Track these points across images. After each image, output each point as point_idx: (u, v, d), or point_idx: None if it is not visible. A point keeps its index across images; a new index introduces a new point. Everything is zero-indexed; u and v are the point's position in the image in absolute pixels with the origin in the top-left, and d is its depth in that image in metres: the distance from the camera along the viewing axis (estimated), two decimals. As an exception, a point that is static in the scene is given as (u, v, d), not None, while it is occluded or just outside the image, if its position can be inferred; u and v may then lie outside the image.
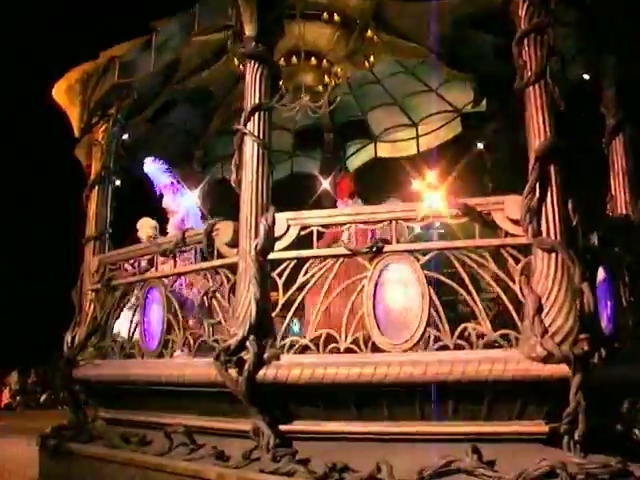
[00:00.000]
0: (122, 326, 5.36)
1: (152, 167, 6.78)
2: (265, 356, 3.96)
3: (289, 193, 8.32)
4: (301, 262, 4.17)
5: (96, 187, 5.93)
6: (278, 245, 4.14)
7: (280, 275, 4.12)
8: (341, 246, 4.08)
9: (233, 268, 4.37)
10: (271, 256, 4.13)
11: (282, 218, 4.16)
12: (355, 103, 7.69)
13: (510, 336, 3.74)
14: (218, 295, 4.40)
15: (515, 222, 3.80)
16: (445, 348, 3.82)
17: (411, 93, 7.23)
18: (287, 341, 4.06)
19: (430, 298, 3.85)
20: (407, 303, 3.91)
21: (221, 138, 8.47)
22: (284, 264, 4.15)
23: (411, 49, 6.43)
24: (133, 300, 5.27)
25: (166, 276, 4.91)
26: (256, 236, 4.14)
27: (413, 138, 7.53)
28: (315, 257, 4.10)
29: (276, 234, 4.14)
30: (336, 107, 7.16)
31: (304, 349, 4.04)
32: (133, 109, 6.43)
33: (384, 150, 7.88)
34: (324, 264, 4.08)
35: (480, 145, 6.65)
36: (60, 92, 6.00)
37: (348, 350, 3.95)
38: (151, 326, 4.99)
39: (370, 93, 7.44)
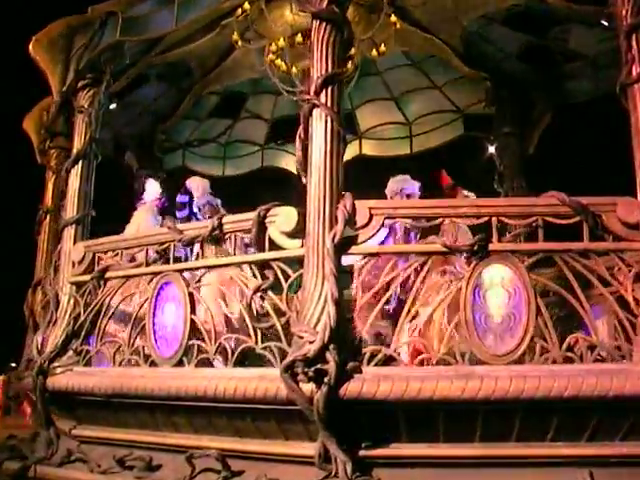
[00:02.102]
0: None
1: None
2: (347, 368, 3.34)
3: (258, 188, 7.68)
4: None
5: (80, 162, 4.99)
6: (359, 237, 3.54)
7: (359, 273, 3.52)
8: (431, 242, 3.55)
9: (289, 262, 3.72)
10: (352, 250, 3.52)
11: (363, 206, 3.56)
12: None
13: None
14: (271, 294, 3.71)
15: (630, 225, 3.47)
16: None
17: (412, 89, 6.84)
18: (366, 350, 3.47)
19: (537, 305, 3.42)
20: (510, 310, 3.45)
21: (187, 123, 7.71)
22: (364, 260, 3.56)
23: (427, 42, 6.06)
24: (138, 297, 4.42)
25: (189, 269, 4.13)
26: (332, 226, 3.52)
27: (406, 137, 7.12)
28: (402, 253, 3.54)
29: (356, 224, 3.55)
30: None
31: (388, 360, 3.47)
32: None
33: (371, 148, 7.42)
34: (411, 263, 3.53)
35: (491, 148, 6.37)
36: (39, 47, 5.02)
37: (439, 362, 3.44)
38: (165, 328, 4.18)
39: (365, 86, 6.96)
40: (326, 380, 3.27)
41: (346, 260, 3.57)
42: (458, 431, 3.42)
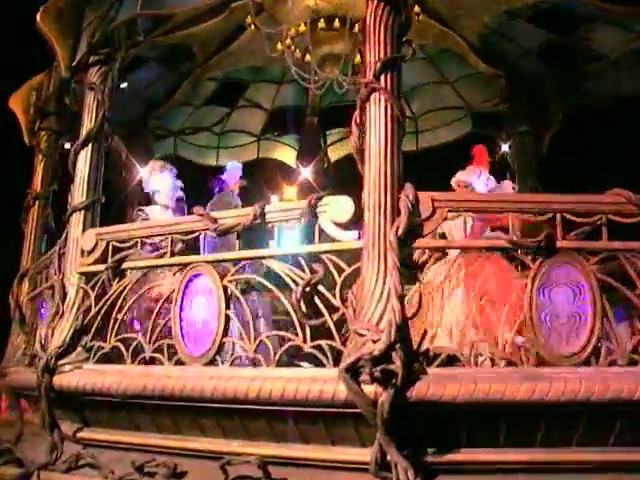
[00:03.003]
0: None
1: None
2: (413, 368, 3.15)
3: (255, 181, 7.41)
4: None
5: (90, 144, 4.62)
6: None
7: (422, 267, 3.33)
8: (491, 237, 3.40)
9: (343, 255, 3.50)
10: (416, 243, 3.32)
11: (426, 197, 3.37)
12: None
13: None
14: (322, 288, 3.48)
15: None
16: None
17: (422, 83, 6.68)
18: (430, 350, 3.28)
19: (602, 305, 3.31)
20: (575, 310, 3.33)
21: (180, 110, 7.37)
22: (424, 254, 3.37)
23: (444, 36, 5.93)
24: (161, 289, 4.10)
25: (225, 261, 3.85)
26: (393, 218, 3.32)
27: (412, 133, 6.97)
28: (466, 248, 3.36)
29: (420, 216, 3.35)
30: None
31: (450, 360, 3.29)
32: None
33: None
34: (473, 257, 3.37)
35: (505, 147, 6.28)
36: (47, 18, 4.63)
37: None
38: (194, 324, 3.89)
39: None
40: (393, 381, 3.06)
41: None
42: (519, 435, 3.27)
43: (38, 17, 4.63)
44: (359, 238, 3.41)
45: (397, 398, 3.07)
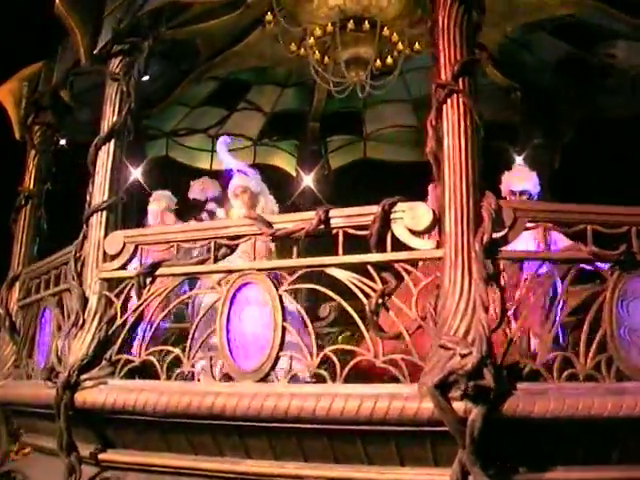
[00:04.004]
0: None
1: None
2: (503, 383, 2.99)
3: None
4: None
5: (113, 139, 4.27)
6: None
7: (498, 277, 3.18)
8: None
9: (415, 263, 3.33)
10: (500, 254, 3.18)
11: (508, 206, 3.24)
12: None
13: None
14: (396, 300, 3.29)
15: None
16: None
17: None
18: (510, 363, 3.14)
19: (679, 319, 3.26)
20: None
21: (174, 109, 7.04)
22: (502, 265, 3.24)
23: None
24: (204, 298, 3.80)
25: (281, 268, 3.59)
26: (476, 226, 3.17)
27: (417, 143, 6.85)
28: (546, 260, 3.26)
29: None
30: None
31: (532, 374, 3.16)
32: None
33: (377, 151, 7.09)
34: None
35: (519, 159, 6.25)
36: (67, 2, 4.26)
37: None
38: (243, 337, 3.61)
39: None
40: (486, 397, 2.90)
41: None
42: (596, 453, 3.18)
43: (57, 1, 4.26)
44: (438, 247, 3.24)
45: (489, 415, 2.91)
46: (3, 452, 5.24)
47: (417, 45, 5.70)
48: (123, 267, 3.99)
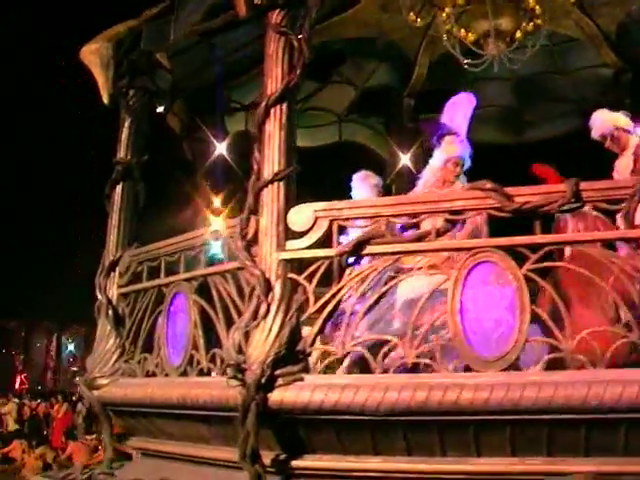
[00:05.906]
0: None
1: None
2: None
3: (336, 166, 6.67)
4: None
5: (286, 101, 3.74)
6: None
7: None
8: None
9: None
10: None
11: None
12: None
13: None
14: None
15: None
16: None
17: (535, 72, 6.29)
18: None
19: None
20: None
21: (257, 81, 6.47)
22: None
23: (579, 25, 5.65)
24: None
25: (519, 245, 3.17)
26: None
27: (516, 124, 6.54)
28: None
29: None
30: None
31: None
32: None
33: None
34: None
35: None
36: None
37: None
38: (480, 322, 3.17)
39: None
40: None
41: None
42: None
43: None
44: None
45: None
46: (109, 457, 4.64)
47: (538, 20, 5.37)
48: (316, 245, 3.49)
